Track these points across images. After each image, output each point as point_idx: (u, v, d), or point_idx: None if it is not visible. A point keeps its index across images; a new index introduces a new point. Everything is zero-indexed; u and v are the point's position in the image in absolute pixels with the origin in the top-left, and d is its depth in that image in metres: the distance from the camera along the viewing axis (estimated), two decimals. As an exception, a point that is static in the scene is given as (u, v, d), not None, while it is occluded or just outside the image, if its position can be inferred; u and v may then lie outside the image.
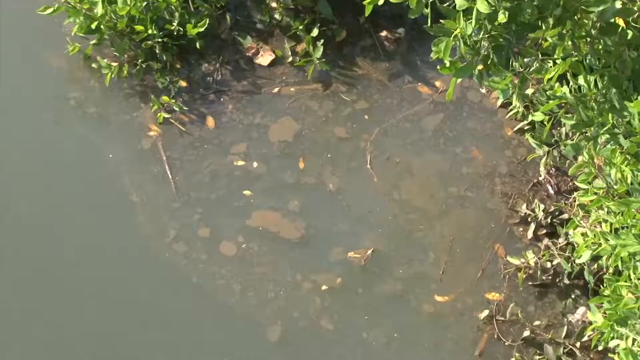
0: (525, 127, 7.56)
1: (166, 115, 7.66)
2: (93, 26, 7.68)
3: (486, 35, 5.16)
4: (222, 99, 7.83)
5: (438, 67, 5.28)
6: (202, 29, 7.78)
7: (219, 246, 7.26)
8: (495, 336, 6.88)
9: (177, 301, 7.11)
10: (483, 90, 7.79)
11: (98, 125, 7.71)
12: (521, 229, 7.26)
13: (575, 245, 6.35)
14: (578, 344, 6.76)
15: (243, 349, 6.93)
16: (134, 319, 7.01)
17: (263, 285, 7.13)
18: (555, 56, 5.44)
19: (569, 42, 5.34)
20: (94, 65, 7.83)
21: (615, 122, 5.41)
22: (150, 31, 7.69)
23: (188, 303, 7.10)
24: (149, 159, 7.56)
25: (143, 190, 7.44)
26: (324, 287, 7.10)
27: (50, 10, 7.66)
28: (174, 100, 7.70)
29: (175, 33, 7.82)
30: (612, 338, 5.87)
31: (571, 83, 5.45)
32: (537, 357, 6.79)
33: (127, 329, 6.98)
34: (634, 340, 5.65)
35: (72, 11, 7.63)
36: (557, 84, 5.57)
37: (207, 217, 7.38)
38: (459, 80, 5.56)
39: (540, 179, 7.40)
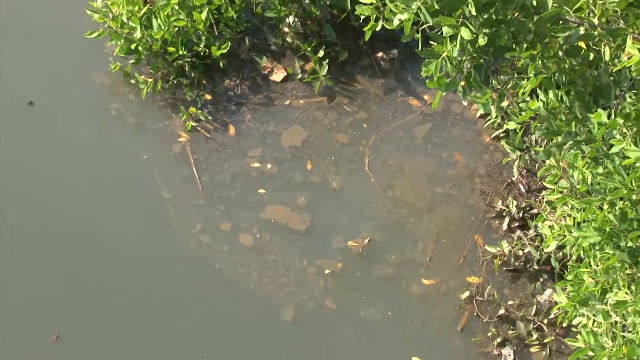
0: (501, 135, 7.56)
1: (194, 124, 7.67)
2: (132, 47, 7.66)
3: (468, 57, 5.18)
4: (241, 110, 7.82)
5: (427, 82, 5.28)
6: (224, 51, 7.77)
7: (238, 238, 7.24)
8: (475, 314, 6.89)
9: (201, 285, 7.09)
10: (465, 103, 7.78)
11: (135, 133, 7.70)
12: (497, 222, 7.27)
13: (544, 236, 6.33)
14: (545, 321, 6.79)
15: (262, 328, 6.91)
16: (162, 298, 7.01)
17: (276, 271, 7.11)
18: (527, 74, 5.44)
19: (540, 62, 5.34)
20: (132, 81, 7.82)
21: (577, 130, 5.40)
22: (180, 52, 7.68)
23: (211, 287, 7.07)
24: (179, 162, 7.54)
25: (173, 188, 7.42)
26: (327, 271, 7.10)
27: (95, 34, 7.67)
28: (200, 111, 7.70)
29: (201, 54, 7.83)
30: (575, 316, 5.91)
31: (541, 97, 5.43)
32: (511, 331, 6.78)
33: (155, 307, 6.96)
34: (594, 320, 5.67)
35: (114, 35, 7.64)
36: (528, 98, 5.56)
37: (228, 213, 7.36)
38: (444, 93, 5.54)
39: (514, 179, 7.40)
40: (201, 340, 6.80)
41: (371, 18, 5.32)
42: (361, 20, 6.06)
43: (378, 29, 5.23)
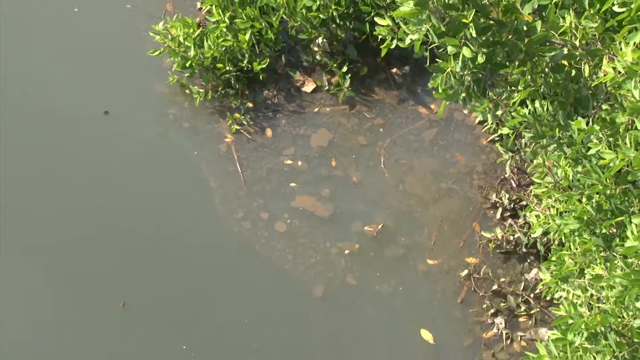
0: (496, 138, 7.55)
1: (237, 127, 7.69)
2: (187, 64, 7.72)
3: (469, 72, 5.17)
4: (277, 116, 7.82)
5: (434, 93, 5.29)
6: (264, 66, 7.80)
7: (274, 225, 7.21)
8: (472, 289, 6.88)
9: (242, 265, 7.07)
10: (465, 111, 7.74)
11: (189, 134, 7.72)
12: (492, 211, 7.25)
13: (531, 224, 6.35)
14: (532, 295, 6.78)
15: (296, 303, 6.90)
16: (210, 275, 7.00)
17: (306, 252, 7.09)
18: (518, 87, 5.45)
19: (529, 77, 5.36)
20: (187, 91, 7.86)
21: (560, 135, 5.41)
22: (227, 67, 7.72)
23: (251, 266, 7.05)
24: (225, 159, 7.56)
25: (219, 181, 7.42)
26: (346, 252, 7.08)
27: (157, 53, 7.72)
28: (243, 117, 7.73)
29: (245, 68, 7.85)
30: (557, 291, 5.89)
31: (530, 106, 5.43)
32: (502, 304, 6.77)
33: (203, 282, 6.94)
34: (573, 294, 5.67)
35: (172, 53, 7.70)
36: (519, 107, 5.55)
37: (265, 203, 7.33)
38: (448, 103, 5.55)
39: (506, 176, 7.39)
40: (243, 312, 6.81)
41: (387, 38, 5.37)
42: (378, 40, 6.09)
43: (392, 47, 5.27)
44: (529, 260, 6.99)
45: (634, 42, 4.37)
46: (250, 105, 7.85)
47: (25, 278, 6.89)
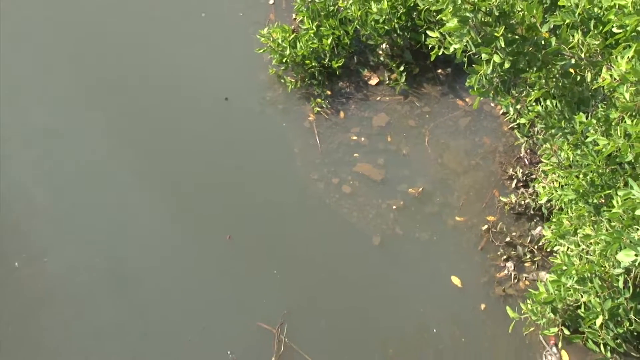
0: (515, 126, 7.44)
1: (318, 109, 7.72)
2: (283, 60, 7.80)
3: (497, 74, 5.23)
4: (348, 102, 7.81)
5: (469, 90, 5.33)
6: (340, 64, 7.82)
7: (342, 188, 7.13)
8: (490, 240, 6.80)
9: (315, 217, 6.95)
10: (492, 105, 7.67)
11: (282, 113, 7.74)
12: (508, 182, 7.16)
13: (538, 193, 6.38)
14: (536, 247, 6.71)
15: (358, 250, 6.78)
16: (289, 220, 6.89)
17: (365, 209, 7.00)
18: (535, 88, 5.46)
19: (543, 80, 5.36)
20: (282, 80, 7.92)
21: (565, 126, 5.40)
22: (313, 63, 7.78)
23: (322, 219, 6.94)
24: (307, 132, 7.57)
25: (302, 150, 7.41)
26: (394, 207, 7.02)
27: (261, 50, 7.84)
28: (322, 101, 7.75)
29: (326, 65, 7.89)
30: (555, 245, 5.94)
31: (542, 103, 5.44)
32: (512, 252, 6.70)
33: (286, 228, 6.83)
34: (568, 247, 5.72)
35: (272, 51, 7.79)
36: (534, 103, 5.56)
37: (335, 169, 7.25)
38: (481, 98, 5.66)
39: (521, 155, 7.29)
40: (319, 250, 6.77)
41: (435, 46, 5.41)
42: (429, 48, 6.09)
43: (439, 53, 5.34)
44: (535, 220, 6.91)
45: (628, 56, 4.37)
46: (328, 93, 7.88)
47: (163, 221, 6.93)
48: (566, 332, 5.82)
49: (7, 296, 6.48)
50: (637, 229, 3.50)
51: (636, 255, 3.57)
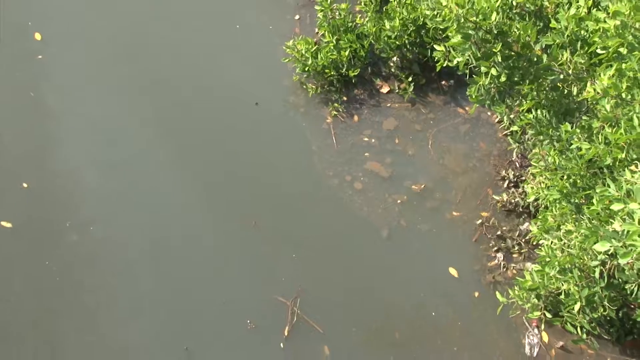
0: (508, 133, 7.37)
1: (335, 113, 7.67)
2: (305, 69, 7.76)
3: (494, 85, 5.17)
4: (362, 107, 7.77)
5: (469, 99, 5.26)
6: (356, 73, 7.76)
7: (354, 184, 7.11)
8: (483, 233, 6.80)
9: (328, 209, 6.91)
10: (489, 113, 7.61)
11: (303, 115, 7.70)
12: (501, 182, 7.12)
13: (527, 192, 6.34)
14: (523, 240, 6.70)
15: (367, 242, 6.72)
16: (305, 217, 6.82)
17: (374, 203, 6.96)
18: (527, 99, 5.43)
19: (535, 92, 5.31)
20: (304, 86, 7.87)
21: (552, 134, 5.36)
22: (332, 72, 7.74)
23: (335, 213, 6.87)
24: (325, 133, 7.52)
25: (320, 148, 7.37)
26: (399, 201, 7.00)
27: (287, 60, 7.81)
28: (339, 106, 7.71)
29: (343, 74, 7.83)
30: (540, 239, 5.88)
31: (533, 113, 5.41)
32: (502, 244, 6.69)
33: (300, 218, 6.78)
34: (551, 241, 5.69)
35: (296, 61, 7.76)
36: (526, 113, 5.53)
37: (348, 167, 7.19)
38: (478, 105, 5.62)
39: (513, 159, 7.25)
40: (331, 240, 6.71)
41: (441, 60, 5.42)
42: (435, 61, 6.05)
43: (444, 65, 5.32)
44: (523, 217, 6.89)
45: (609, 74, 4.37)
46: (344, 98, 7.83)
47: (196, 206, 6.91)
48: (548, 315, 5.83)
49: (56, 256, 6.60)
50: (612, 223, 3.53)
51: (611, 245, 3.60)
